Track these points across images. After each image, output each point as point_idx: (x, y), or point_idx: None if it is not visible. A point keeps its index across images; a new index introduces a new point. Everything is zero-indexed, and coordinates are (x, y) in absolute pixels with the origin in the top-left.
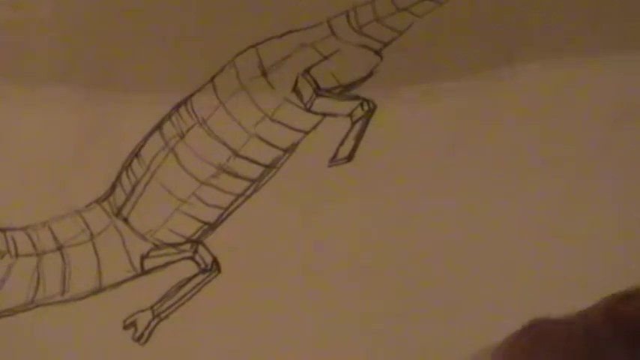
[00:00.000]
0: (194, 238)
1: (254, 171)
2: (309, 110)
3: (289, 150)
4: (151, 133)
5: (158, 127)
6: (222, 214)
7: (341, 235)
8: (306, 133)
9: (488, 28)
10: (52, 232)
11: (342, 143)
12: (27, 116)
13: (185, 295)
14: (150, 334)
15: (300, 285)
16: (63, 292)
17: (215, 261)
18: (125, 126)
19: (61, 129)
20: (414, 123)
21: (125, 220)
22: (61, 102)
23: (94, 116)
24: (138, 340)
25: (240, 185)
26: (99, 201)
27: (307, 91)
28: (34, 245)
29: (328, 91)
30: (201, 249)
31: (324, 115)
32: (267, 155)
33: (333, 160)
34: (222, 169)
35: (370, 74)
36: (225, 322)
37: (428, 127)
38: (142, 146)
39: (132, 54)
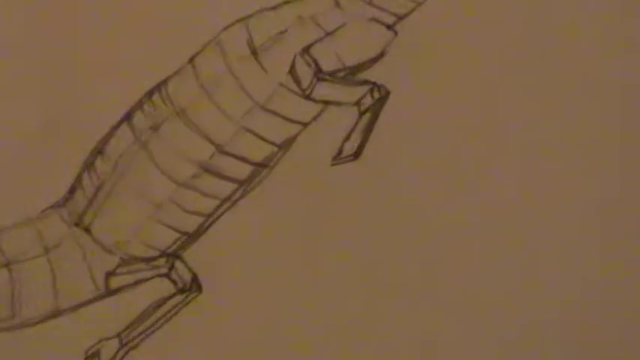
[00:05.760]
0: (170, 251)
1: (242, 170)
2: (308, 98)
3: (284, 145)
4: (118, 125)
5: (127, 117)
6: (204, 223)
7: (346, 247)
8: (305, 125)
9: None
10: None
11: (347, 137)
12: None
13: (159, 319)
14: None
15: (297, 308)
16: (12, 316)
17: (195, 279)
18: (87, 117)
19: (12, 121)
20: (434, 112)
21: (87, 230)
22: (13, 90)
23: (50, 106)
24: None
25: (225, 188)
26: (55, 207)
27: (306, 75)
28: None
29: (331, 74)
30: (178, 264)
31: (327, 103)
32: (259, 152)
33: (338, 158)
34: (205, 169)
35: (382, 54)
36: (206, 352)
37: (449, 117)
38: (108, 141)
39: (97, 29)
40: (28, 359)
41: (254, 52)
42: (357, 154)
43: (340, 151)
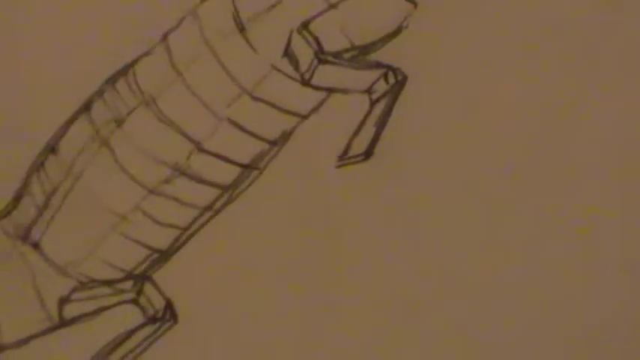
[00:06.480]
0: (138, 271)
1: (227, 173)
2: (307, 83)
3: (279, 142)
4: (74, 118)
5: (85, 108)
6: (179, 237)
7: (353, 266)
8: (304, 117)
9: None
10: None
11: (356, 132)
12: None
13: (125, 355)
14: None
15: (294, 336)
16: None
17: (169, 305)
18: (37, 107)
19: None
20: (460, 100)
21: (36, 247)
22: None
23: None
24: None
25: (206, 194)
26: None
27: (305, 56)
28: None
29: (336, 55)
30: (148, 288)
31: (330, 90)
32: (246, 150)
33: (344, 158)
34: (180, 171)
35: (399, 30)
36: None
37: (478, 106)
38: (61, 137)
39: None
40: None
41: (241, 28)
42: (368, 153)
43: (347, 150)
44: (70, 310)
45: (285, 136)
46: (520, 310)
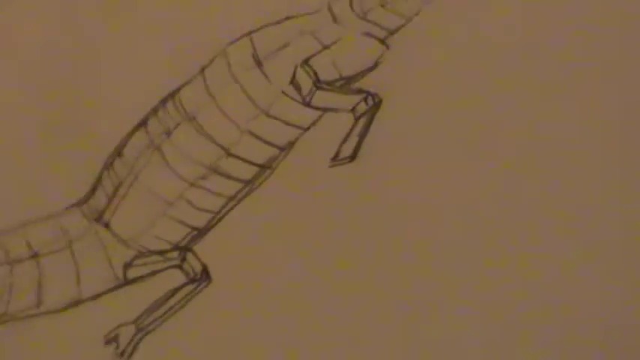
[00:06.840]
0: (182, 244)
1: (247, 171)
2: (308, 105)
3: (286, 148)
4: (134, 130)
5: (142, 123)
6: (212, 219)
7: (343, 241)
8: (305, 129)
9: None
10: (26, 239)
11: (344, 141)
12: None
13: (172, 306)
14: (134, 349)
15: (299, 295)
16: (38, 304)
17: (205, 269)
18: (106, 122)
19: (29, 123)
20: (424, 119)
21: (106, 226)
22: (29, 91)
23: (69, 110)
24: (121, 355)
25: (232, 187)
26: (78, 204)
27: (306, 84)
28: (6, 253)
29: (329, 83)
30: (189, 256)
31: (325, 110)
32: (262, 154)
33: (335, 160)
34: (213, 170)
35: (375, 65)
36: (215, 336)
37: (438, 123)
38: (125, 144)
39: (113, 41)
40: (52, 344)
41: (258, 64)
42: (353, 157)
43: (337, 154)
44: (132, 273)
45: (291, 144)
46: (510, 312)
